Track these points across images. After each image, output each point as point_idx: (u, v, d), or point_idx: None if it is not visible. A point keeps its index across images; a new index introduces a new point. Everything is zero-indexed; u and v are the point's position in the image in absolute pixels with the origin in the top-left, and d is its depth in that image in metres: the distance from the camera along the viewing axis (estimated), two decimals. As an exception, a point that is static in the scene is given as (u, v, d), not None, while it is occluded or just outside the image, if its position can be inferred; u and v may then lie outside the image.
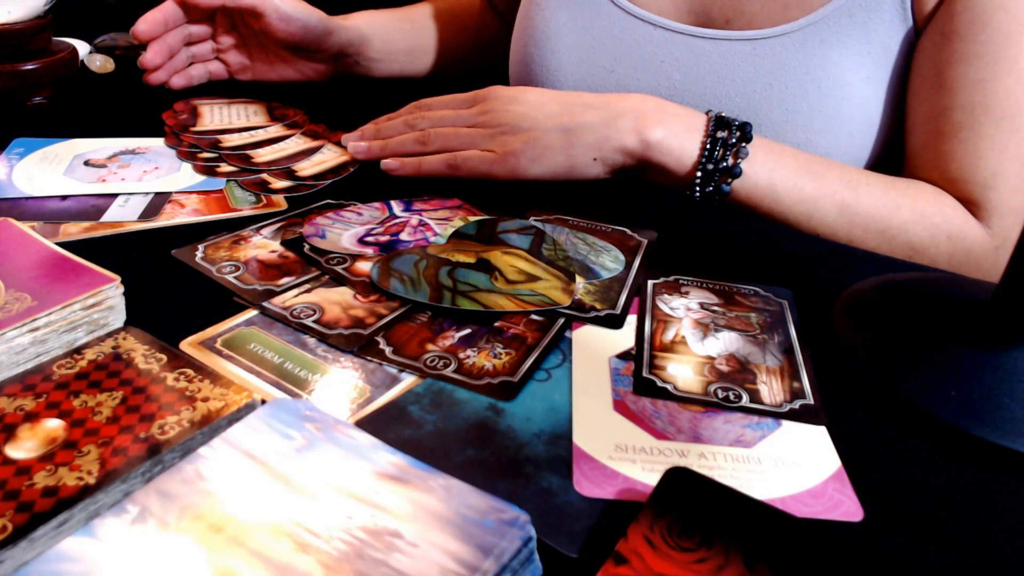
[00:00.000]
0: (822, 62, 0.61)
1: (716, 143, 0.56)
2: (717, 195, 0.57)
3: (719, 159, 0.56)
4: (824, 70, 0.61)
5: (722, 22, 0.65)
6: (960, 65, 0.57)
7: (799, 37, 0.62)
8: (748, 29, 0.64)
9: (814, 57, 0.61)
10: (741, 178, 0.56)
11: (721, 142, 0.56)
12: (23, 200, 0.54)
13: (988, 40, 0.56)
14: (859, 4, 0.60)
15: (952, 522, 0.32)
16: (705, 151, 0.56)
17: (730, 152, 0.56)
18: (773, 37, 0.62)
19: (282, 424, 0.30)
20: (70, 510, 0.28)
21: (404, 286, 0.45)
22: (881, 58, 0.61)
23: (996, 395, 0.37)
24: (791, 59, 0.62)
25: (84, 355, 0.36)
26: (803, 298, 0.48)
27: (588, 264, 0.50)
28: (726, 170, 0.56)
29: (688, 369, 0.40)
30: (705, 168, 0.57)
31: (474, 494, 0.28)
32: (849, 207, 0.57)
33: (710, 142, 0.56)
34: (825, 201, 0.57)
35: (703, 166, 0.57)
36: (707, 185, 0.57)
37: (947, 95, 0.58)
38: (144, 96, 0.74)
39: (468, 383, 0.38)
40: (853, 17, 0.61)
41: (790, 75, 0.62)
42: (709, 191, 0.57)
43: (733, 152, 0.56)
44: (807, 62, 0.61)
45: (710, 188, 0.57)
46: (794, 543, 0.27)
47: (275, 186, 0.58)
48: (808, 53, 0.61)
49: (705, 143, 0.57)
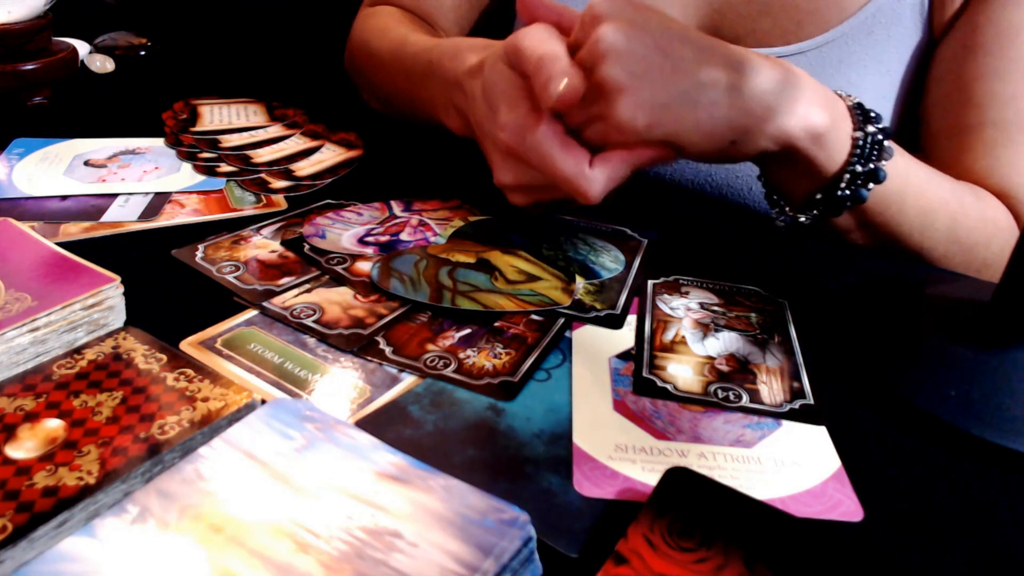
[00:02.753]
0: (839, 83, 0.59)
1: (867, 139, 0.46)
2: (850, 201, 0.48)
3: (867, 159, 0.46)
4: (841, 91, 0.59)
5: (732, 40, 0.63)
6: (990, 81, 0.56)
7: (816, 56, 0.59)
8: (760, 47, 0.61)
9: (831, 78, 0.59)
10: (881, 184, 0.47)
11: (871, 138, 0.46)
12: (23, 200, 0.54)
13: (1018, 56, 0.55)
14: (879, 20, 0.58)
15: (952, 522, 0.32)
16: (857, 148, 0.46)
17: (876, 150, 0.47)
18: (788, 56, 0.60)
19: (282, 424, 0.30)
20: (70, 510, 0.28)
21: (404, 286, 0.45)
22: (897, 74, 0.59)
23: (996, 395, 0.37)
24: None
25: (84, 355, 0.36)
26: (803, 298, 0.48)
27: (588, 264, 0.50)
28: (872, 173, 0.47)
29: (688, 369, 0.40)
30: (854, 170, 0.46)
31: (474, 494, 0.28)
32: (956, 222, 0.51)
33: (862, 136, 0.46)
34: (940, 214, 0.51)
35: (852, 167, 0.46)
36: (848, 188, 0.47)
37: (977, 110, 0.56)
38: (144, 96, 0.74)
39: (468, 383, 0.38)
40: (872, 34, 0.59)
41: None
42: (845, 195, 0.47)
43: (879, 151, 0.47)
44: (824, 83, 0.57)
45: (847, 192, 0.47)
46: (794, 543, 0.27)
47: (275, 186, 0.58)
48: (825, 74, 0.59)
49: (856, 139, 0.46)
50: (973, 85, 0.57)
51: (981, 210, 0.53)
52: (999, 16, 0.56)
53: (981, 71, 0.56)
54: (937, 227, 0.51)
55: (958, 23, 0.58)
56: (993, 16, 0.56)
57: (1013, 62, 0.55)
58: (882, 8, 0.59)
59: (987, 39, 0.56)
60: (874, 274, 0.50)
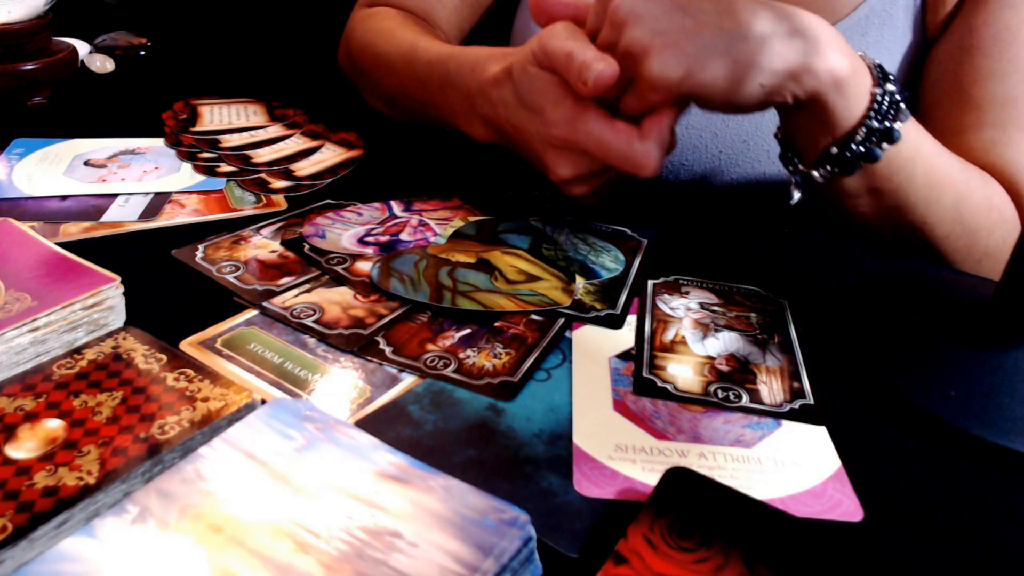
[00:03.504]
0: None
1: (886, 96, 0.47)
2: (864, 159, 0.48)
3: (883, 116, 0.47)
4: None
5: None
6: (988, 83, 0.56)
7: None
8: None
9: None
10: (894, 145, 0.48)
11: (889, 96, 0.47)
12: (23, 200, 0.54)
13: (1015, 57, 0.55)
14: (872, 22, 0.59)
15: (952, 522, 0.32)
16: (875, 102, 0.47)
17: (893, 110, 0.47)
18: None
19: (282, 424, 0.30)
20: (70, 510, 0.28)
21: (404, 286, 0.45)
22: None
23: (996, 395, 0.37)
24: None
25: (84, 355, 0.36)
26: (803, 298, 0.48)
27: (588, 264, 0.50)
28: (887, 132, 0.47)
29: (688, 369, 0.40)
30: (870, 125, 0.47)
31: (474, 494, 0.28)
32: (963, 202, 0.51)
33: (880, 92, 0.47)
34: (947, 190, 0.51)
35: (868, 122, 0.47)
36: (862, 145, 0.48)
37: (975, 112, 0.56)
38: (144, 96, 0.74)
39: (468, 383, 0.38)
40: (866, 36, 0.59)
41: None
42: (860, 152, 0.48)
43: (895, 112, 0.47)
44: None
45: (862, 149, 0.48)
46: (794, 543, 0.27)
47: (275, 186, 0.58)
48: None
49: (875, 94, 0.47)
50: (971, 87, 0.57)
51: (988, 195, 0.53)
52: (996, 18, 0.56)
53: (979, 73, 0.56)
54: (943, 203, 0.51)
55: (954, 25, 0.58)
56: (990, 18, 0.56)
57: (1010, 63, 0.55)
58: (875, 10, 0.59)
59: (984, 41, 0.56)
60: (874, 274, 0.50)
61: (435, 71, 0.58)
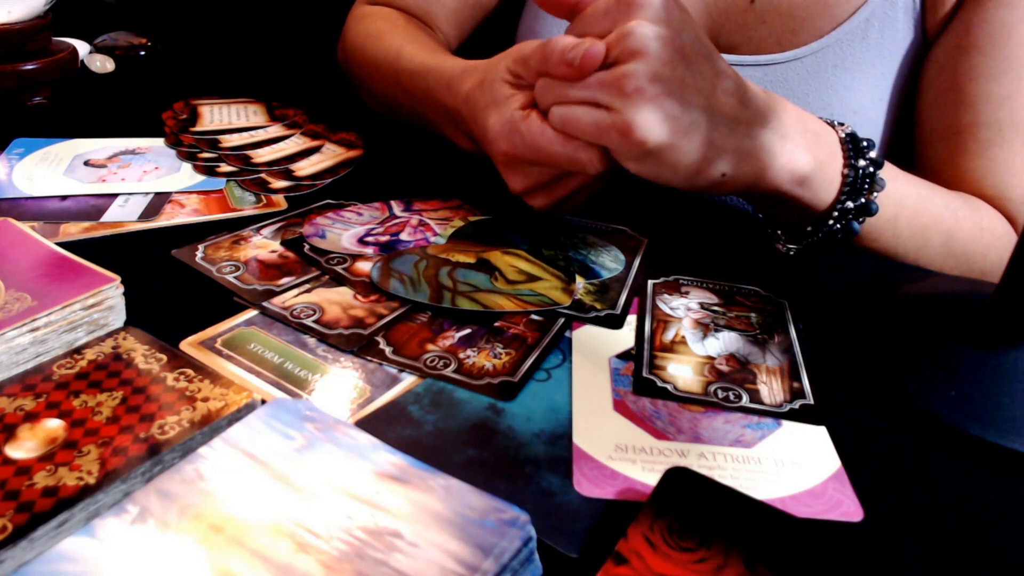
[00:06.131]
0: (835, 87, 0.59)
1: (857, 174, 0.46)
2: (842, 234, 0.48)
3: (858, 193, 0.46)
4: (837, 95, 0.59)
5: (728, 47, 0.63)
6: (983, 81, 0.56)
7: (812, 62, 0.60)
8: (756, 54, 0.62)
9: (827, 82, 0.59)
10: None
11: (862, 173, 0.46)
12: (23, 200, 0.53)
13: (1011, 55, 0.55)
14: (872, 24, 0.59)
15: (952, 522, 0.32)
16: (847, 185, 0.46)
17: (867, 183, 0.47)
18: (784, 63, 0.60)
19: (282, 424, 0.30)
20: (70, 510, 0.28)
21: (404, 286, 0.45)
22: (891, 77, 0.60)
23: (996, 395, 0.37)
24: (803, 85, 0.60)
25: (84, 355, 0.36)
26: (803, 298, 0.48)
27: (588, 264, 0.50)
28: (863, 207, 0.47)
29: (688, 369, 0.40)
30: (843, 206, 0.46)
31: (474, 494, 0.28)
32: (952, 236, 0.52)
33: (852, 173, 0.46)
34: (934, 232, 0.51)
35: (842, 203, 0.46)
36: (838, 223, 0.47)
37: (971, 111, 0.56)
38: (144, 96, 0.74)
39: (468, 383, 0.38)
40: (866, 38, 0.59)
41: (801, 102, 0.60)
42: (836, 229, 0.48)
43: (870, 185, 0.47)
44: (820, 88, 0.59)
45: (838, 226, 0.48)
46: (794, 543, 0.27)
47: (275, 186, 0.58)
48: (821, 79, 0.59)
49: (846, 175, 0.46)
50: (967, 86, 0.57)
51: (976, 220, 0.54)
52: (992, 16, 0.56)
53: (975, 72, 0.56)
54: (932, 244, 0.52)
55: (951, 24, 0.58)
56: (986, 16, 0.56)
57: (1006, 62, 0.55)
58: (875, 12, 0.59)
59: (980, 39, 0.56)
60: (874, 274, 0.50)
61: (416, 83, 0.58)
